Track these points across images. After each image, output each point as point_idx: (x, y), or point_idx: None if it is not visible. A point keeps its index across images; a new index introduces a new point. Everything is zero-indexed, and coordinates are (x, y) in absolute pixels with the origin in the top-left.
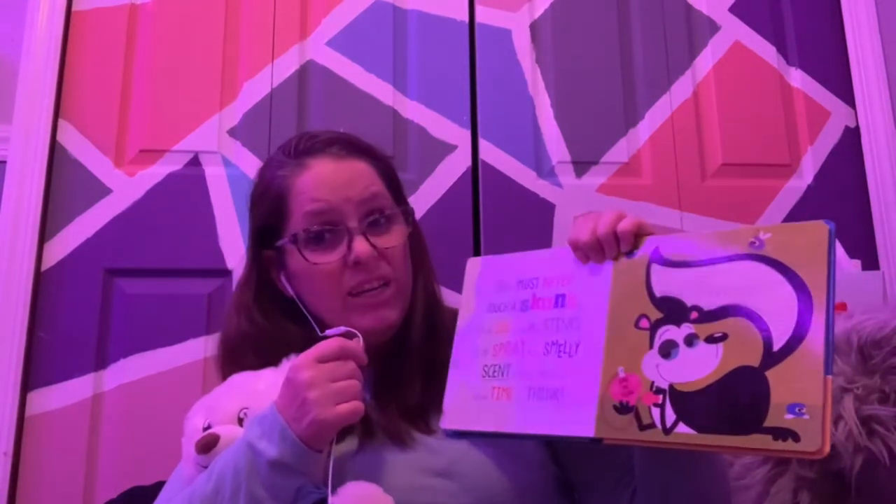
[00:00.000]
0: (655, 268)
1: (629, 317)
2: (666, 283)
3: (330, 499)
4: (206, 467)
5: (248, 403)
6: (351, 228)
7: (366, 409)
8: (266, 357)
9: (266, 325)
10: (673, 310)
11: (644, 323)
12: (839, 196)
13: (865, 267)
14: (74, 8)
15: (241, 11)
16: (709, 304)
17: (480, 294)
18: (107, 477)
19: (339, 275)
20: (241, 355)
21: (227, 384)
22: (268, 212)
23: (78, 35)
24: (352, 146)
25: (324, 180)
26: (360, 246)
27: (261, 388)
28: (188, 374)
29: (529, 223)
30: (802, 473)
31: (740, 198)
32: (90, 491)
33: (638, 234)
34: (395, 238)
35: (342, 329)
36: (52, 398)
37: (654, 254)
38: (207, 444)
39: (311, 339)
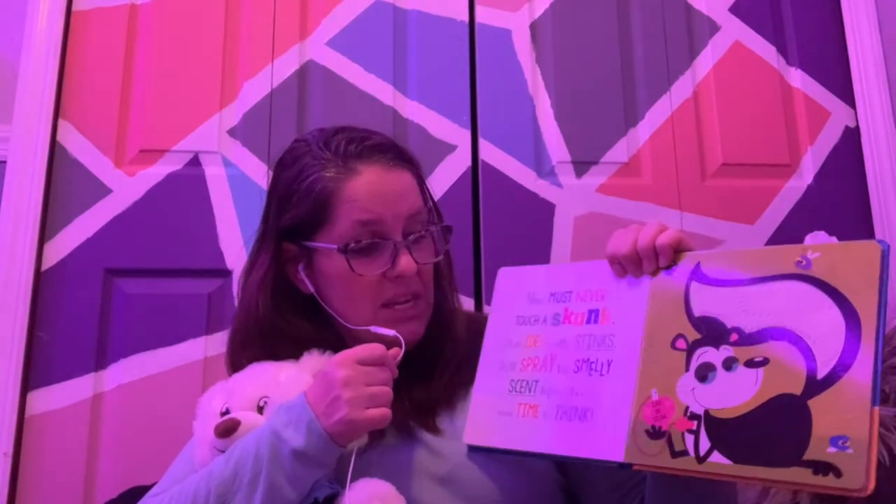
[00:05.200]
0: (695, 286)
1: (666, 336)
2: (706, 302)
3: (346, 494)
4: (222, 451)
5: (269, 392)
6: (397, 243)
7: None
8: (272, 351)
9: (278, 319)
10: (712, 331)
11: (681, 343)
12: (839, 196)
13: None
14: (74, 8)
15: (241, 11)
16: (750, 326)
17: (511, 306)
18: (107, 477)
19: (377, 286)
20: (249, 347)
21: (247, 371)
22: (307, 210)
23: (78, 35)
24: (399, 155)
25: (376, 191)
26: (406, 262)
27: (282, 379)
28: (188, 374)
29: (529, 223)
30: None
31: (740, 198)
32: (90, 491)
33: (678, 249)
34: (431, 254)
35: (391, 332)
36: (52, 398)
37: (694, 271)
38: (228, 429)
39: (333, 337)
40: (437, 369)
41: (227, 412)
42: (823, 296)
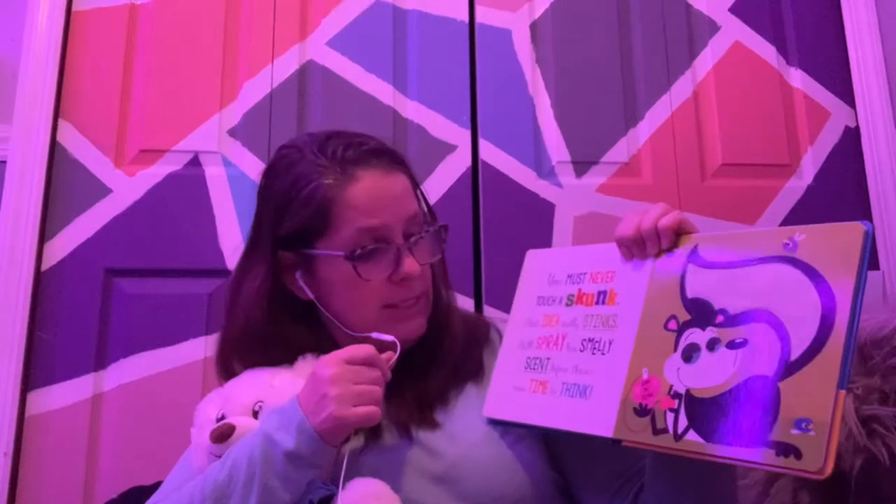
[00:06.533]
0: (691, 268)
1: (660, 317)
2: (699, 284)
3: (340, 494)
4: (219, 457)
5: (263, 397)
6: (400, 246)
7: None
8: (268, 358)
9: (275, 327)
10: (701, 312)
11: (672, 324)
12: (839, 196)
13: None
14: (74, 8)
15: (241, 11)
16: (735, 307)
17: (533, 287)
18: (107, 477)
19: (381, 289)
20: (243, 354)
21: (242, 377)
22: (307, 218)
23: (78, 35)
24: (394, 158)
25: (377, 196)
26: (410, 264)
27: (276, 384)
28: (188, 374)
29: (529, 223)
30: None
31: (740, 198)
32: (90, 491)
33: (679, 232)
34: (432, 254)
35: (389, 337)
36: (52, 398)
37: (691, 253)
38: (223, 434)
39: (330, 343)
40: (432, 366)
41: (222, 418)
42: (804, 278)
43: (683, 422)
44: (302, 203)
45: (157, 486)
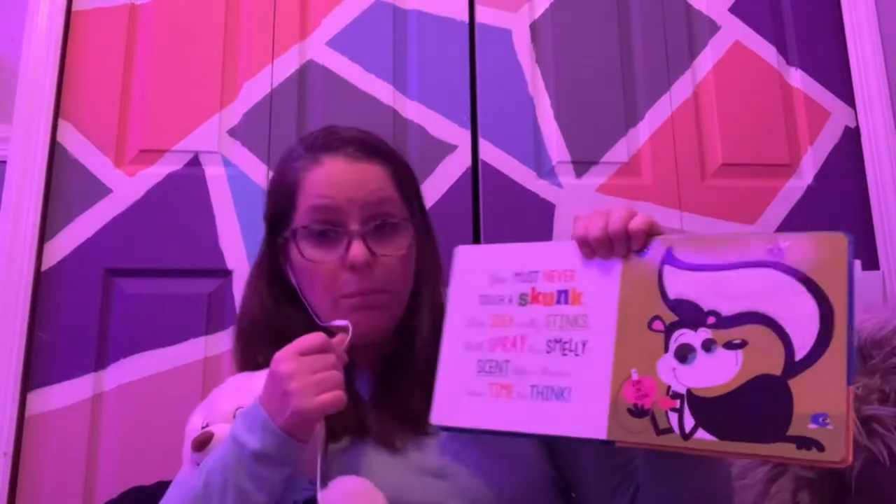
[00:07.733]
0: (668, 269)
1: (641, 318)
2: (680, 285)
3: (319, 493)
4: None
5: (243, 402)
6: (351, 231)
7: (363, 412)
8: (279, 343)
9: (276, 311)
10: (689, 313)
11: (658, 325)
12: (839, 196)
13: (865, 267)
14: (74, 8)
15: (241, 11)
16: (727, 309)
17: (472, 285)
18: (107, 477)
19: (335, 276)
20: (254, 340)
21: (224, 385)
22: (278, 202)
23: (78, 35)
24: (370, 148)
25: (333, 179)
26: (357, 250)
27: (254, 387)
28: (188, 374)
29: (529, 223)
30: (802, 473)
31: (740, 198)
32: (90, 491)
33: (651, 234)
34: (395, 246)
35: (344, 322)
36: (52, 398)
37: (666, 254)
38: (202, 442)
39: (310, 329)
40: (415, 376)
41: (206, 426)
42: (796, 283)
43: (690, 421)
44: (278, 187)
45: (156, 486)
